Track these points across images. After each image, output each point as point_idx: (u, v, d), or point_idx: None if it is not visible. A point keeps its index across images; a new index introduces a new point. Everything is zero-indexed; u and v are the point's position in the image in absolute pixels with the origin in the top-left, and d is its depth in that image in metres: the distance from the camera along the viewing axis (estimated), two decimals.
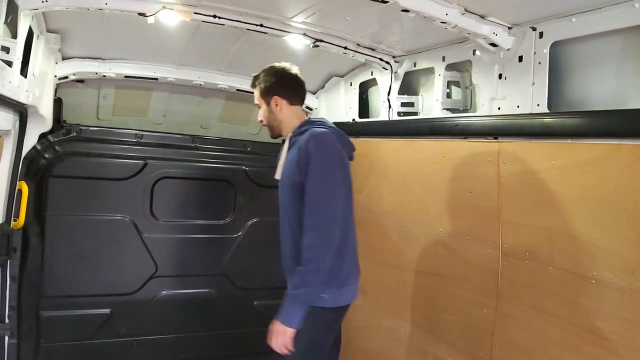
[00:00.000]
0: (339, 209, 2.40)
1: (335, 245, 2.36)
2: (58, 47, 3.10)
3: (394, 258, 3.25)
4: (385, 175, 3.34)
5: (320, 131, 2.47)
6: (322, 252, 2.31)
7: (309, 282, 2.31)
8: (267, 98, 2.62)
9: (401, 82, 3.20)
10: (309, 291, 2.33)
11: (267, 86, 2.62)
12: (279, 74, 2.63)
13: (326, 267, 2.33)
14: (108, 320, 3.49)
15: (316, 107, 4.10)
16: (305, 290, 2.33)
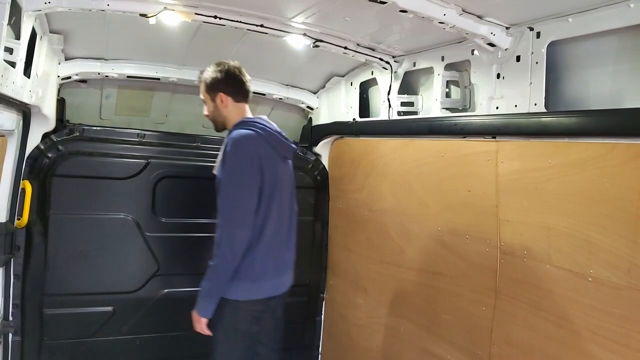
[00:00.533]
0: (246, 210, 2.53)
1: (239, 244, 2.53)
2: (61, 47, 3.13)
3: (394, 257, 3.27)
4: (386, 174, 3.36)
5: (241, 133, 2.61)
6: (223, 250, 2.51)
7: (209, 276, 2.57)
8: (212, 94, 2.76)
9: (401, 82, 3.22)
10: (208, 285, 2.58)
11: (212, 82, 2.75)
12: (224, 72, 2.74)
13: (227, 264, 2.53)
14: (111, 318, 3.52)
15: (317, 106, 4.12)
16: (205, 283, 2.59)
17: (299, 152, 4.10)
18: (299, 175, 4.02)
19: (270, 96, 3.96)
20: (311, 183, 4.08)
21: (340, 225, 3.96)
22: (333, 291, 4.07)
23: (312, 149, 4.16)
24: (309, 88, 4.06)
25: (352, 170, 3.77)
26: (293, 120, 4.34)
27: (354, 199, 3.76)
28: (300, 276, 4.03)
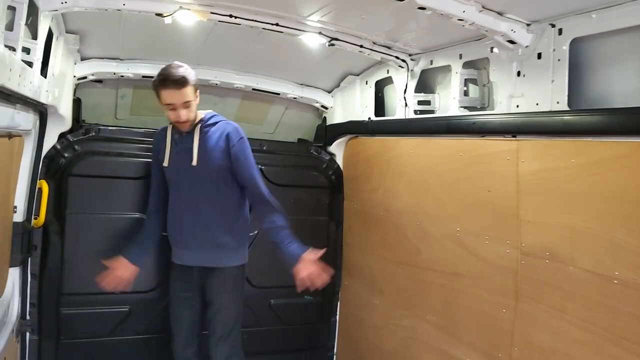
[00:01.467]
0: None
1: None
2: (77, 47, 3.14)
3: (410, 257, 3.24)
4: (402, 174, 3.32)
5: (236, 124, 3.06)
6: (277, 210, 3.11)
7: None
8: (195, 92, 2.88)
9: (417, 80, 3.18)
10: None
11: (195, 80, 2.87)
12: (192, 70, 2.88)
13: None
14: (127, 318, 3.52)
15: (331, 105, 4.09)
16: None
17: (313, 151, 4.09)
18: (313, 174, 4.01)
19: (284, 95, 3.95)
20: (325, 183, 4.05)
21: (355, 226, 3.93)
22: (348, 292, 4.04)
23: (327, 148, 4.14)
24: (324, 87, 4.04)
25: (368, 170, 3.74)
26: (307, 119, 4.32)
27: (369, 198, 3.72)
28: None
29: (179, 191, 3.03)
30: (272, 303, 3.93)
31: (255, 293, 3.84)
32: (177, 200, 3.05)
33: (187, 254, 3.10)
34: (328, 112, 4.15)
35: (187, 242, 3.07)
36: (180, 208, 3.04)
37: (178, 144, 3.01)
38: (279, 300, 3.94)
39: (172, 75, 2.75)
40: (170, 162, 3.00)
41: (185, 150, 2.97)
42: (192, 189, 2.98)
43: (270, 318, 3.93)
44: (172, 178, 3.04)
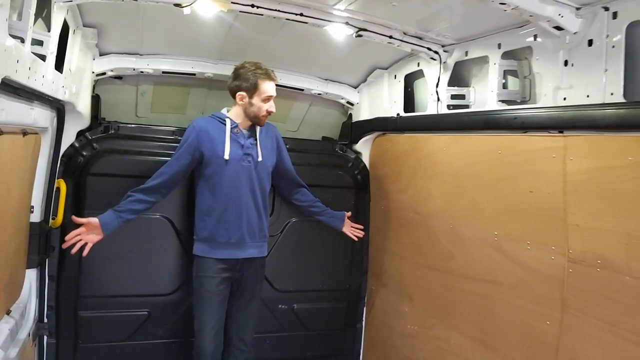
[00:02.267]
0: None
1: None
2: (95, 42, 3.04)
3: (443, 263, 3.04)
4: (434, 174, 3.12)
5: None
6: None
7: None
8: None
9: (451, 73, 2.98)
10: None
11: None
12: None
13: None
14: (146, 322, 3.41)
15: (357, 101, 3.91)
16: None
17: (338, 149, 3.92)
18: (338, 174, 3.84)
19: (308, 91, 3.78)
20: (351, 182, 3.87)
21: (382, 228, 3.74)
22: (375, 297, 3.85)
23: (352, 146, 3.96)
24: (349, 82, 3.86)
25: (396, 169, 3.55)
26: (332, 116, 4.14)
27: (397, 199, 3.53)
28: (340, 280, 3.87)
29: (237, 186, 3.01)
30: (295, 308, 3.77)
31: (278, 297, 3.70)
32: (235, 194, 3.01)
33: (241, 247, 3.08)
34: (354, 108, 3.96)
35: (245, 236, 3.07)
36: (240, 202, 3.03)
37: (238, 138, 3.02)
38: (302, 305, 3.78)
39: (270, 69, 2.98)
40: (230, 156, 2.97)
41: (248, 146, 3.04)
42: (252, 183, 3.05)
43: (293, 323, 3.77)
44: (230, 172, 2.99)
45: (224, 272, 3.05)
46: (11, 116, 2.05)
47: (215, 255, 3.04)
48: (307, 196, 3.46)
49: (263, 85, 2.94)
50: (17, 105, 2.05)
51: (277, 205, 3.63)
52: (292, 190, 3.46)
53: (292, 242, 3.70)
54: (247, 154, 3.03)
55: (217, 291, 3.04)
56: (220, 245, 3.04)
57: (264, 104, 2.98)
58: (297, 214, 3.70)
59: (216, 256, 3.04)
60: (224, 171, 2.98)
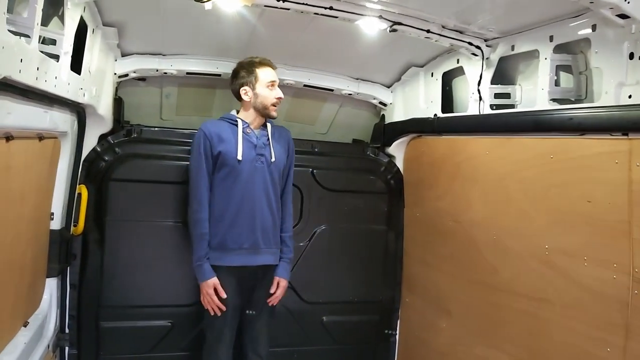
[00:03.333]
0: None
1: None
2: (116, 42, 2.92)
3: (485, 276, 2.78)
4: (476, 180, 2.87)
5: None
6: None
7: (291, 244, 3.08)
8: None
9: (495, 70, 2.73)
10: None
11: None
12: None
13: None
14: (169, 333, 3.28)
15: (391, 102, 3.68)
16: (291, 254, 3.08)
17: (369, 153, 3.70)
18: (369, 178, 3.63)
19: (338, 92, 3.57)
20: (383, 188, 3.65)
21: (417, 236, 3.51)
22: (409, 310, 3.62)
23: (385, 149, 3.73)
24: (382, 81, 3.63)
25: (433, 174, 3.31)
26: (363, 118, 3.93)
27: (434, 207, 3.29)
28: (372, 291, 3.65)
29: (251, 188, 2.85)
30: (324, 320, 3.57)
31: (306, 309, 3.51)
32: (249, 196, 2.84)
33: (255, 253, 2.89)
34: (387, 109, 3.74)
35: (259, 241, 2.89)
36: (254, 205, 2.86)
37: (250, 138, 2.88)
38: (331, 318, 3.58)
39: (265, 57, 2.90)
40: (244, 157, 2.82)
41: (261, 146, 2.89)
42: (266, 185, 2.89)
43: (322, 336, 3.58)
44: (244, 174, 2.83)
45: (238, 281, 2.89)
46: (21, 120, 1.93)
47: (227, 262, 2.85)
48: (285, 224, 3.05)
49: (262, 72, 2.86)
50: (26, 108, 1.91)
51: (305, 212, 3.46)
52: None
53: (321, 250, 3.51)
54: (260, 154, 2.87)
55: (228, 302, 2.86)
56: (232, 251, 2.85)
57: (270, 91, 2.87)
58: (326, 221, 3.51)
59: (228, 263, 2.85)
60: (237, 173, 2.83)
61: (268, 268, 2.95)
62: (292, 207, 3.10)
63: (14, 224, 2.16)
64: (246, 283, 2.92)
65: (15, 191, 2.13)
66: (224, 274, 2.85)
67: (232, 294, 2.86)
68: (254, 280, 2.94)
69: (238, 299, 2.91)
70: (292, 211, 3.11)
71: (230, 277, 2.86)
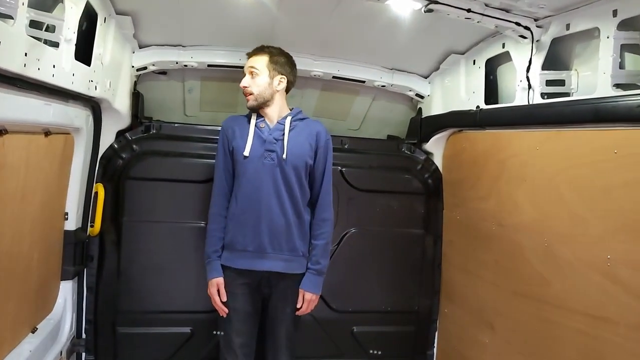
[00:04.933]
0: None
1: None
2: (132, 32, 2.76)
3: (534, 288, 2.46)
4: (523, 178, 2.54)
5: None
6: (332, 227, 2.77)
7: (326, 255, 2.74)
8: (273, 72, 2.65)
9: (546, 54, 2.40)
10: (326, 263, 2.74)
11: (281, 59, 2.67)
12: (292, 59, 2.73)
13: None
14: (189, 340, 3.11)
15: (428, 94, 3.38)
16: (325, 262, 2.73)
17: (405, 149, 3.41)
18: (404, 178, 3.34)
19: (371, 83, 3.30)
20: (420, 188, 3.36)
21: (457, 241, 3.19)
22: (448, 321, 3.31)
23: (422, 146, 3.44)
24: (419, 71, 3.33)
25: (475, 173, 2.99)
26: (398, 112, 3.63)
27: (476, 209, 2.97)
28: (407, 300, 3.37)
29: (257, 186, 2.62)
30: (355, 330, 3.31)
31: (335, 318, 3.26)
32: (256, 196, 2.61)
33: (260, 257, 2.64)
34: (424, 101, 3.43)
35: (264, 244, 2.63)
36: (259, 205, 2.61)
37: (263, 133, 2.65)
38: (363, 328, 3.32)
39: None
40: (251, 152, 2.60)
41: (273, 141, 2.63)
42: (277, 184, 2.62)
43: (352, 348, 3.32)
44: (251, 171, 2.62)
45: (244, 286, 2.65)
46: (14, 112, 1.77)
47: (233, 264, 2.65)
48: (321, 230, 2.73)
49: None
50: (19, 99, 1.75)
51: None
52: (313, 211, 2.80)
53: (352, 255, 3.25)
54: (269, 150, 2.61)
55: (237, 307, 2.64)
56: (238, 252, 2.64)
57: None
58: (356, 224, 3.24)
59: (235, 265, 2.64)
60: (245, 170, 2.63)
61: (284, 276, 2.67)
62: (331, 211, 2.74)
63: (13, 224, 2.01)
64: (258, 289, 2.69)
65: (13, 189, 1.98)
66: (233, 276, 2.65)
67: (241, 299, 2.65)
68: (267, 287, 2.69)
69: (249, 305, 2.67)
70: (332, 216, 2.76)
71: (239, 281, 2.64)
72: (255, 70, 2.61)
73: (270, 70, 2.62)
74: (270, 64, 2.62)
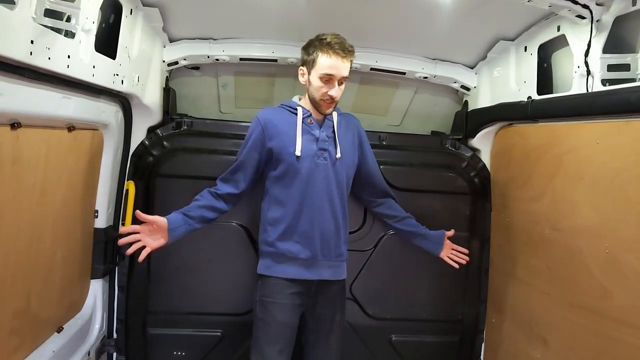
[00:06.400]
0: None
1: None
2: (161, 25, 2.70)
3: (594, 300, 2.17)
4: (581, 176, 2.26)
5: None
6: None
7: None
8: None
9: (608, 35, 2.12)
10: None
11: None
12: None
13: None
14: (219, 344, 3.00)
15: (475, 85, 3.13)
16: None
17: (449, 146, 3.18)
18: (448, 176, 3.10)
19: (412, 75, 3.08)
20: (465, 188, 3.10)
21: (506, 246, 2.92)
22: (495, 332, 3.04)
23: (468, 141, 3.18)
24: (464, 61, 3.08)
25: (527, 170, 2.72)
26: (442, 105, 3.39)
27: (528, 210, 2.70)
28: (451, 308, 3.12)
29: (311, 188, 2.45)
30: (393, 339, 3.10)
31: (372, 325, 3.07)
32: (309, 199, 2.45)
33: (311, 266, 2.49)
34: (470, 94, 3.18)
35: (317, 252, 2.48)
36: (313, 209, 2.45)
37: (312, 129, 2.48)
38: (402, 337, 3.10)
39: (340, 39, 2.35)
40: (303, 151, 2.43)
41: (324, 139, 2.48)
42: (330, 186, 2.48)
43: (390, 357, 3.11)
44: (303, 172, 2.44)
45: (294, 296, 2.48)
46: (26, 105, 1.70)
47: (281, 274, 2.48)
48: (394, 210, 2.81)
49: (323, 57, 2.33)
50: (26, 89, 1.68)
51: (368, 214, 3.01)
52: (374, 201, 2.83)
53: (389, 259, 3.04)
54: (322, 149, 2.45)
55: (285, 320, 2.47)
56: (287, 260, 2.47)
57: (323, 84, 2.36)
58: None
59: (283, 275, 2.48)
60: (295, 170, 2.43)
61: (328, 283, 2.53)
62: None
63: (31, 221, 1.96)
64: (304, 300, 2.51)
65: (31, 185, 1.93)
66: (279, 286, 2.48)
67: (287, 311, 2.48)
68: (313, 297, 2.52)
69: (294, 317, 2.51)
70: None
71: (288, 290, 2.47)
72: (346, 79, 2.42)
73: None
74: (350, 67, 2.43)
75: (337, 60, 2.32)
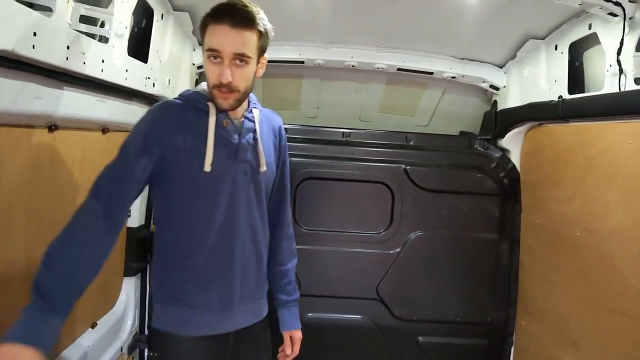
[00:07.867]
0: None
1: None
2: (191, 29, 2.76)
3: (627, 304, 2.12)
4: (614, 177, 2.21)
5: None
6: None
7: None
8: (259, 53, 1.74)
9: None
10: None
11: (268, 36, 1.78)
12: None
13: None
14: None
15: (504, 85, 3.09)
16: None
17: (477, 146, 3.14)
18: (477, 177, 3.07)
19: (439, 75, 3.07)
20: (495, 189, 3.07)
21: (536, 248, 2.87)
22: (525, 336, 2.99)
23: (497, 142, 3.14)
24: (493, 60, 3.05)
25: (558, 171, 2.67)
26: (471, 106, 3.37)
27: (559, 211, 2.65)
28: (479, 311, 3.09)
29: (229, 216, 1.81)
30: (420, 341, 3.10)
31: (399, 326, 3.07)
32: (224, 229, 1.81)
33: (227, 315, 1.87)
34: (500, 93, 3.14)
35: (235, 298, 1.87)
36: (233, 244, 1.83)
37: (230, 135, 1.80)
38: (429, 339, 3.10)
39: (234, 5, 1.66)
40: (215, 166, 1.75)
41: (245, 146, 1.82)
42: (250, 208, 1.86)
43: (417, 359, 3.10)
44: (214, 193, 1.79)
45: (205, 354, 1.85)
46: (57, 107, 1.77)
47: (189, 331, 1.82)
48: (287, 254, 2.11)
49: (210, 29, 1.67)
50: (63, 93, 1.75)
51: (396, 214, 3.01)
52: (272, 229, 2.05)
53: (417, 259, 3.04)
54: (243, 160, 1.81)
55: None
56: (193, 314, 1.83)
57: (212, 65, 1.68)
58: (422, 227, 3.03)
59: (191, 332, 1.83)
60: (202, 192, 1.78)
61: (244, 330, 1.94)
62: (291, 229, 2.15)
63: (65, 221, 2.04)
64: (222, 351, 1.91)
65: (67, 185, 2.00)
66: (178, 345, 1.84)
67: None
68: (233, 347, 1.92)
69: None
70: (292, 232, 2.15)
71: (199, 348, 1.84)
72: (246, 57, 1.67)
73: (257, 53, 1.73)
74: (260, 41, 1.72)
75: (223, 29, 1.64)
